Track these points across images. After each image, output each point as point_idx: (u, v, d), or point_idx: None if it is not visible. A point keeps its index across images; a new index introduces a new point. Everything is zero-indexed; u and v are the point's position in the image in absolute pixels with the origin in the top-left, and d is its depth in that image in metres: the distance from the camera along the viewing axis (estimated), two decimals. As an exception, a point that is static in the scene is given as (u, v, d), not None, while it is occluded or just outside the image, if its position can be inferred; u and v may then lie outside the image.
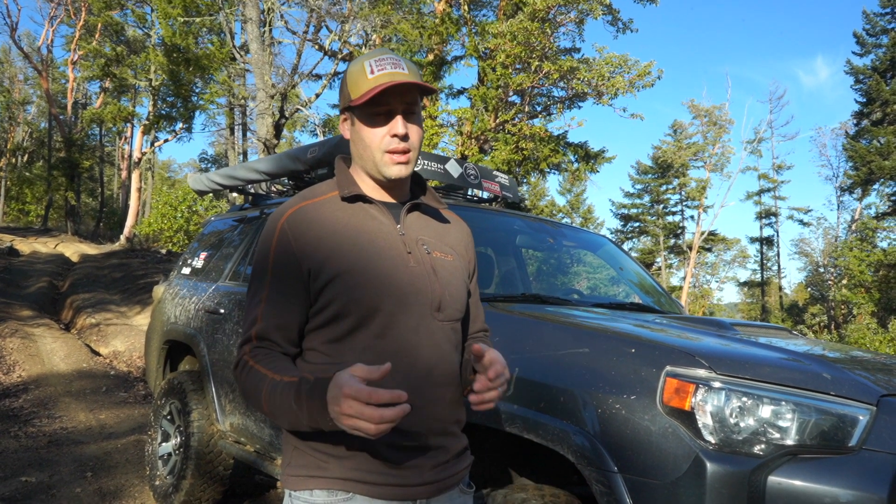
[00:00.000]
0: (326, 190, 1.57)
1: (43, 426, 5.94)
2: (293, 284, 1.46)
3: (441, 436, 1.51)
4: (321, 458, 1.43)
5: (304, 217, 1.49)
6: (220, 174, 4.76)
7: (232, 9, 17.10)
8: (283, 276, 1.46)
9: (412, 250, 1.52)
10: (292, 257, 1.45)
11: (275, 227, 1.49)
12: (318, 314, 1.46)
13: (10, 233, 26.67)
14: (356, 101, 1.46)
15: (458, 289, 1.58)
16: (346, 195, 1.52)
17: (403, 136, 1.48)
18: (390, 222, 1.53)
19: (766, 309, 43.04)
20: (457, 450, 1.57)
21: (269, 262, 1.48)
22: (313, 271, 1.44)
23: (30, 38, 38.42)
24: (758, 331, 2.73)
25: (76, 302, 12.90)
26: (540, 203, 46.76)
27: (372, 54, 1.50)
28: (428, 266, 1.53)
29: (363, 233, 1.49)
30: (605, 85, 16.25)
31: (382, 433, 1.20)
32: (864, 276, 28.38)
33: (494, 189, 4.10)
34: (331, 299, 1.44)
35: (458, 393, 1.57)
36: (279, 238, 1.47)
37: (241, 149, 32.95)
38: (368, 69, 1.47)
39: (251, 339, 1.46)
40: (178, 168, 63.30)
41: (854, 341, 22.62)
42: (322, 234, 1.46)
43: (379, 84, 1.44)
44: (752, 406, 1.86)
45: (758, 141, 40.28)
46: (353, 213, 1.52)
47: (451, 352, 1.55)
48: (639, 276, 4.17)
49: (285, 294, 1.46)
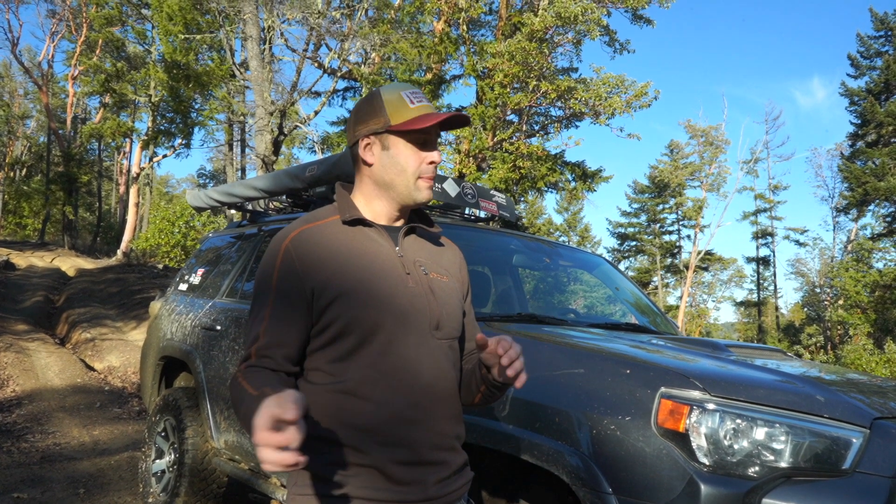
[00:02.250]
0: (327, 214, 1.62)
1: (36, 442, 5.90)
2: (296, 303, 1.50)
3: (443, 451, 1.55)
4: (327, 477, 1.45)
5: (308, 239, 1.54)
6: (219, 191, 4.77)
7: (232, 26, 17.22)
8: (287, 295, 1.50)
9: (410, 271, 1.58)
10: (296, 277, 1.50)
11: (279, 248, 1.54)
12: (321, 333, 1.50)
13: (7, 246, 26.62)
14: (402, 127, 1.54)
15: (454, 308, 1.64)
16: (347, 219, 1.57)
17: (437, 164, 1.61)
18: (389, 245, 1.59)
19: (762, 329, 42.99)
20: (457, 465, 1.60)
21: (272, 281, 1.52)
22: (317, 291, 1.49)
23: (31, 53, 38.58)
24: (752, 352, 2.75)
25: (72, 316, 12.86)
26: (537, 221, 46.83)
27: (401, 87, 1.60)
28: (426, 286, 1.58)
29: (364, 254, 1.55)
30: (603, 105, 16.35)
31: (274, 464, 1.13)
32: (861, 297, 28.42)
33: (491, 208, 4.13)
34: (334, 318, 1.48)
35: (457, 408, 1.62)
36: (283, 258, 1.52)
37: (239, 165, 33.00)
38: (407, 99, 1.57)
39: (250, 356, 1.49)
40: (177, 183, 63.31)
41: (850, 362, 22.60)
42: (325, 255, 1.51)
43: (428, 113, 1.55)
44: (747, 428, 1.87)
45: (754, 161, 40.55)
46: (354, 236, 1.57)
47: (450, 369, 1.60)
48: (634, 295, 4.19)
49: (288, 312, 1.50)
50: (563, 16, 15.29)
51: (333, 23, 16.64)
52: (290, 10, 15.28)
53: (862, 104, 33.86)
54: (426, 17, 17.99)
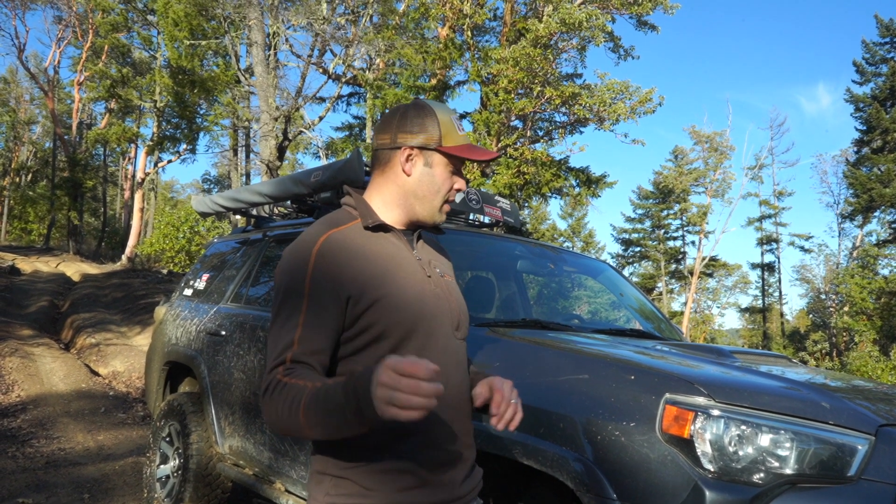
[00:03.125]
0: (347, 219, 1.61)
1: (41, 447, 5.91)
2: (330, 309, 1.46)
3: (467, 448, 1.61)
4: (365, 485, 1.45)
5: (338, 243, 1.52)
6: (224, 196, 4.79)
7: (238, 32, 17.30)
8: (322, 301, 1.46)
9: (430, 274, 1.63)
10: (331, 282, 1.46)
11: (309, 253, 1.49)
12: (355, 339, 1.48)
13: (13, 252, 26.72)
14: (452, 151, 1.60)
15: (465, 308, 1.71)
16: (371, 224, 1.58)
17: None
18: (407, 248, 1.63)
19: (767, 335, 42.85)
20: (473, 460, 1.66)
21: (304, 287, 1.47)
22: (354, 296, 1.47)
23: (37, 59, 38.80)
24: (757, 359, 2.74)
25: (76, 321, 12.88)
26: (541, 227, 46.83)
27: (450, 111, 1.65)
28: (444, 288, 1.64)
29: (391, 258, 1.56)
30: (607, 111, 16.38)
31: (418, 409, 1.16)
32: (866, 304, 28.29)
33: (496, 214, 4.13)
34: (370, 324, 1.47)
35: (472, 405, 1.65)
36: (316, 263, 1.48)
37: (244, 170, 33.09)
38: (457, 126, 1.64)
39: (284, 362, 1.43)
40: (181, 188, 63.55)
41: (856, 369, 22.51)
42: (358, 261, 1.51)
43: (475, 145, 1.65)
44: (751, 434, 1.87)
45: (759, 167, 40.48)
46: (378, 241, 1.58)
47: (466, 368, 1.68)
48: (639, 301, 4.18)
49: (322, 319, 1.46)
50: (567, 22, 15.33)
51: (338, 29, 16.70)
52: (296, 17, 15.34)
53: (867, 110, 33.84)
54: (431, 23, 18.05)
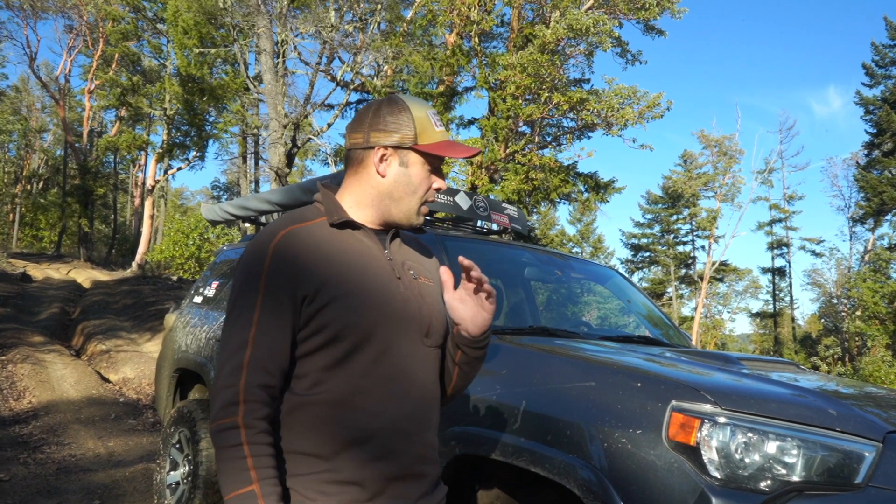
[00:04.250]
0: (313, 215, 1.53)
1: (52, 453, 5.95)
2: (286, 307, 1.40)
3: (426, 463, 1.50)
4: (309, 496, 1.37)
5: (298, 238, 1.45)
6: (233, 205, 4.83)
7: (246, 40, 17.41)
8: (277, 299, 1.40)
9: (401, 275, 1.53)
10: (287, 279, 1.40)
11: (266, 249, 1.43)
12: (310, 338, 1.41)
13: (24, 259, 26.89)
14: (428, 149, 1.52)
15: (441, 314, 1.59)
16: (336, 221, 1.50)
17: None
18: (378, 248, 1.54)
19: (778, 340, 42.60)
20: (435, 477, 1.56)
21: (259, 284, 1.40)
22: (309, 294, 1.40)
23: (48, 67, 39.06)
24: (765, 365, 2.74)
25: (87, 328, 12.96)
26: (550, 232, 46.78)
27: (424, 104, 1.56)
28: (416, 291, 1.54)
29: (355, 257, 1.48)
30: (615, 116, 16.37)
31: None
32: (878, 308, 28.11)
33: (503, 221, 4.14)
34: (325, 323, 1.40)
35: (439, 418, 1.58)
36: (273, 259, 1.41)
37: (253, 177, 33.23)
38: (433, 121, 1.54)
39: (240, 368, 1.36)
40: (191, 196, 63.85)
41: (869, 374, 22.36)
42: (317, 258, 1.43)
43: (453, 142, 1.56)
44: (758, 442, 1.87)
45: (768, 171, 40.31)
46: (344, 239, 1.50)
47: (436, 378, 1.56)
48: (647, 308, 4.18)
49: (279, 316, 1.39)
50: (574, 28, 15.35)
51: (346, 36, 16.78)
52: (304, 24, 15.43)
53: (877, 113, 33.65)
54: (438, 29, 18.11)
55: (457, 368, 1.61)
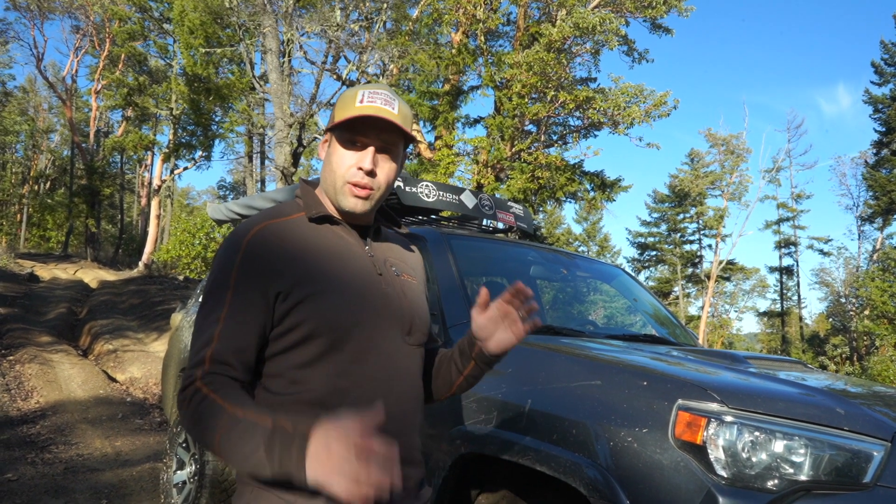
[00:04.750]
0: (292, 210, 1.51)
1: (59, 453, 5.97)
2: (256, 304, 1.36)
3: (408, 465, 1.44)
4: (285, 498, 1.29)
5: (273, 234, 1.42)
6: (239, 204, 4.83)
7: (252, 40, 17.44)
8: (246, 295, 1.36)
9: (382, 272, 1.50)
10: (258, 276, 1.37)
11: (239, 243, 1.40)
12: (283, 337, 1.37)
13: (32, 259, 27.03)
14: (336, 123, 1.45)
15: (424, 311, 1.56)
16: (314, 216, 1.47)
17: (369, 172, 1.45)
18: (358, 244, 1.51)
19: (786, 339, 42.44)
20: (418, 479, 1.51)
21: (230, 280, 1.37)
22: (283, 291, 1.36)
23: (55, 68, 39.22)
24: (772, 364, 2.72)
25: (94, 328, 13.01)
26: (556, 231, 46.72)
27: (370, 85, 1.48)
28: (398, 288, 1.50)
29: (333, 253, 1.45)
30: (621, 114, 16.31)
31: (362, 499, 1.05)
32: (887, 308, 27.94)
33: (509, 220, 4.13)
34: (300, 320, 1.35)
35: (421, 419, 1.54)
36: (245, 255, 1.38)
37: (259, 177, 33.29)
38: (359, 97, 1.44)
39: (203, 361, 1.32)
40: (197, 195, 63.97)
41: (877, 373, 22.25)
42: (291, 254, 1.40)
43: (363, 113, 1.41)
44: (765, 441, 1.85)
45: (776, 170, 40.11)
46: (322, 234, 1.47)
47: (419, 377, 1.53)
48: (653, 307, 4.17)
49: (246, 314, 1.36)
50: (581, 26, 15.31)
51: (352, 35, 16.78)
52: (309, 24, 15.43)
53: (886, 112, 33.49)
54: (444, 28, 18.10)
55: (461, 378, 1.58)
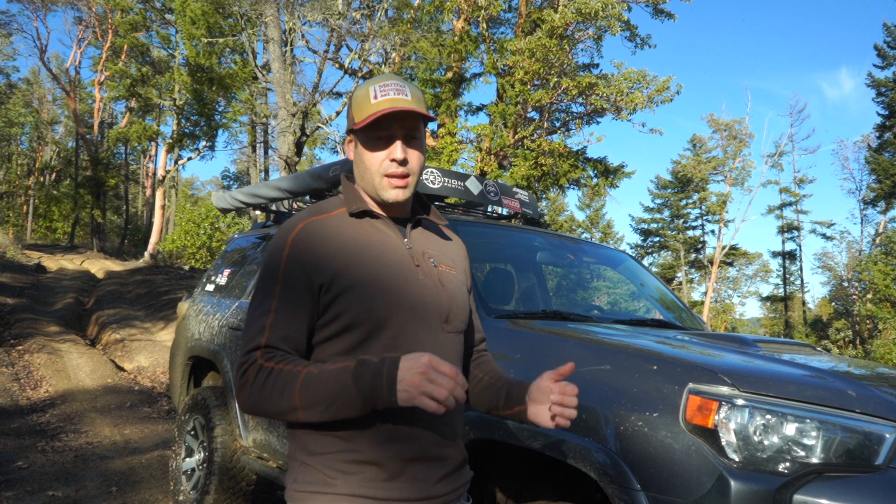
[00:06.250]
0: (334, 206, 1.59)
1: (69, 441, 6.01)
2: (303, 295, 1.46)
3: (446, 447, 1.53)
4: (328, 475, 1.43)
5: (315, 230, 1.51)
6: (244, 192, 4.83)
7: (254, 29, 17.36)
8: (294, 287, 1.46)
9: (420, 263, 1.57)
10: (303, 269, 1.46)
11: (286, 240, 1.50)
12: (327, 326, 1.47)
13: (38, 250, 27.10)
14: (359, 125, 1.51)
15: (463, 300, 1.64)
16: (354, 211, 1.56)
17: (402, 161, 1.53)
18: (397, 236, 1.58)
19: (789, 324, 42.40)
20: (458, 461, 1.59)
21: (278, 274, 1.48)
22: (325, 283, 1.46)
23: (58, 59, 39.18)
24: (781, 347, 2.72)
25: (101, 318, 13.06)
26: (559, 218, 46.67)
27: (378, 79, 1.55)
28: (436, 278, 1.58)
29: (373, 246, 1.52)
30: (624, 100, 16.24)
31: (445, 404, 1.26)
32: (890, 291, 27.90)
33: (514, 206, 4.12)
34: (342, 311, 1.45)
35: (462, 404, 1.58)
36: (291, 250, 1.48)
37: (262, 166, 33.29)
38: (372, 94, 1.51)
39: (259, 346, 1.43)
40: (202, 185, 64.00)
41: (880, 357, 22.24)
42: (333, 247, 1.49)
43: (381, 109, 1.48)
44: (777, 424, 1.85)
45: (778, 155, 39.93)
46: (362, 228, 1.55)
47: (457, 362, 1.60)
48: (659, 291, 4.16)
49: (295, 305, 1.46)
50: (583, 12, 15.23)
51: (354, 24, 16.69)
52: (311, 13, 15.35)
53: (889, 95, 33.28)
54: (446, 15, 17.99)
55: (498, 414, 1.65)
